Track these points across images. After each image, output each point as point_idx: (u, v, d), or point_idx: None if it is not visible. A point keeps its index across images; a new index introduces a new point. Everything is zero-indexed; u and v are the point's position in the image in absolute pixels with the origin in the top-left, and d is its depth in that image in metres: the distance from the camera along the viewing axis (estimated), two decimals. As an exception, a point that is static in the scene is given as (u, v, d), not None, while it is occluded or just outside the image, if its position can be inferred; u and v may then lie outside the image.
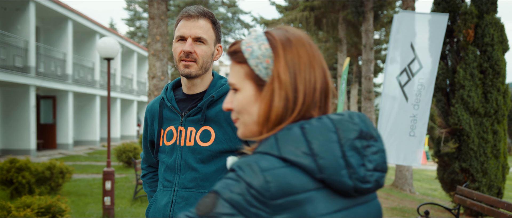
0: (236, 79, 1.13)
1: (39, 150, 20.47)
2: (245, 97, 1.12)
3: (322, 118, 1.04)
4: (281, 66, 1.07)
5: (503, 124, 8.69)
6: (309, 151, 0.99)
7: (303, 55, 1.09)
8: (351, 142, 1.01)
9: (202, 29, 2.01)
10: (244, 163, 0.99)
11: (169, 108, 2.13)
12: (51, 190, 9.54)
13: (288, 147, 1.00)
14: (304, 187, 0.97)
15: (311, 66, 1.09)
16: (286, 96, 1.06)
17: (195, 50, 2.00)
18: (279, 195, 0.95)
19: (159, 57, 12.10)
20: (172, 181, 2.06)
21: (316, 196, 0.98)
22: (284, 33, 1.12)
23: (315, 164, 0.98)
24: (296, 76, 1.06)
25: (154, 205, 2.13)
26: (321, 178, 0.98)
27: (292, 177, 0.97)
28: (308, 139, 1.00)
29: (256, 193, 0.94)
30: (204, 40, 2.01)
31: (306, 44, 1.11)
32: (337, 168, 0.98)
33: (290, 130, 1.02)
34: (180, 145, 2.06)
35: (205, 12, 2.04)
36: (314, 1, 20.80)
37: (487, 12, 8.68)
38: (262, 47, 1.10)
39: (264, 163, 0.98)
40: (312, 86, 1.07)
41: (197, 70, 2.02)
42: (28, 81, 17.56)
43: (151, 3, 12.17)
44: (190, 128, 2.05)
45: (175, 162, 2.06)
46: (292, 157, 0.99)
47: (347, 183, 0.99)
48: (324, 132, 1.01)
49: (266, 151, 1.02)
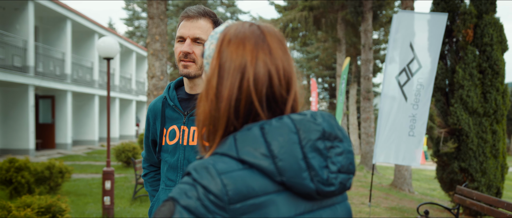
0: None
1: (37, 150, 20.46)
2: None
3: (282, 118, 0.99)
4: (212, 67, 1.03)
5: (502, 124, 8.71)
6: (268, 153, 0.94)
7: (237, 57, 1.01)
8: (312, 143, 0.96)
9: (201, 29, 2.01)
10: (200, 166, 0.94)
11: (172, 108, 2.13)
12: (50, 190, 9.53)
13: (246, 148, 0.95)
14: (263, 190, 0.93)
15: (243, 71, 1.00)
16: (211, 100, 1.01)
17: (193, 51, 2.00)
18: (237, 199, 0.90)
19: (159, 57, 12.10)
20: (175, 180, 2.06)
21: (277, 199, 0.94)
22: (233, 29, 1.05)
23: (274, 167, 0.93)
24: (223, 81, 1.00)
25: (156, 205, 2.14)
26: (281, 181, 0.94)
27: (251, 180, 0.92)
28: (267, 140, 0.95)
29: (213, 197, 0.90)
30: (203, 40, 2.01)
31: (248, 43, 1.02)
32: (298, 171, 0.94)
33: (250, 130, 0.97)
34: (183, 145, 2.06)
35: (205, 12, 2.04)
36: (313, 1, 20.81)
37: (486, 12, 8.70)
38: (211, 47, 1.08)
39: (221, 166, 0.93)
40: (238, 93, 1.00)
41: (196, 70, 2.02)
42: (27, 81, 17.55)
43: (150, 3, 12.17)
44: (193, 128, 2.05)
45: (178, 161, 2.06)
46: (251, 159, 0.94)
47: (309, 186, 0.95)
48: (284, 133, 0.96)
49: (224, 152, 0.97)
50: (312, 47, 35.93)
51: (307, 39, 26.03)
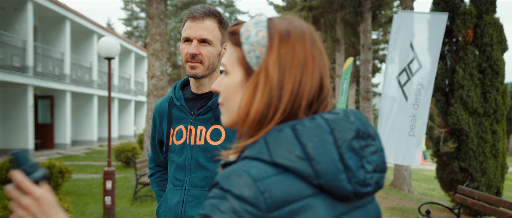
0: (228, 61, 1.05)
1: (37, 150, 20.44)
2: (232, 83, 1.03)
3: (315, 118, 0.95)
4: (272, 59, 0.98)
5: (502, 124, 8.72)
6: (304, 155, 0.90)
7: (299, 52, 0.99)
8: (348, 143, 0.93)
9: (208, 30, 2.00)
10: (232, 174, 0.89)
11: (178, 108, 2.13)
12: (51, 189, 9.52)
13: (280, 151, 0.90)
14: (301, 194, 0.89)
15: (306, 66, 0.99)
16: (270, 92, 0.96)
17: (200, 52, 2.00)
18: (276, 206, 0.86)
19: (158, 57, 12.10)
20: (183, 180, 2.06)
21: (314, 202, 0.90)
22: (287, 24, 1.02)
23: (311, 169, 0.89)
24: (285, 74, 0.97)
25: (164, 205, 2.14)
26: (318, 184, 0.89)
27: (288, 185, 0.88)
28: (301, 141, 0.91)
29: (251, 208, 0.85)
30: (210, 41, 2.00)
31: (307, 41, 1.00)
32: (335, 173, 0.90)
33: (281, 132, 0.93)
34: (190, 144, 2.06)
35: (211, 11, 2.04)
36: (312, 1, 20.82)
37: (486, 12, 8.71)
38: (259, 34, 1.01)
39: (255, 171, 0.88)
40: (301, 88, 0.97)
41: (203, 71, 2.02)
42: (26, 81, 17.53)
43: (150, 3, 12.17)
44: (200, 127, 2.05)
45: (186, 161, 2.06)
46: (286, 162, 0.89)
47: (347, 188, 0.91)
48: (319, 133, 0.92)
49: (255, 156, 0.92)
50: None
51: (306, 39, 26.02)
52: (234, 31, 1.06)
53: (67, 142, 21.55)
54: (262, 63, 0.99)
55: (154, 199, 9.66)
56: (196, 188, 2.04)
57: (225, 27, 2.09)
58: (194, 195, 2.03)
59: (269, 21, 1.03)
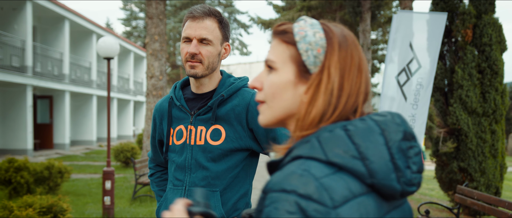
0: (277, 58, 1.06)
1: (35, 150, 20.43)
2: (282, 80, 1.05)
3: (365, 119, 0.99)
4: (334, 60, 1.02)
5: (501, 123, 8.73)
6: (358, 154, 0.93)
7: (355, 57, 1.04)
8: (398, 144, 0.96)
9: (207, 29, 2.01)
10: (293, 175, 0.90)
11: (178, 107, 2.13)
12: (50, 190, 9.52)
13: (335, 151, 0.93)
14: (358, 191, 0.92)
15: (359, 70, 1.04)
16: (332, 92, 1.00)
17: (200, 51, 2.00)
18: (340, 202, 0.88)
19: (158, 57, 12.10)
20: (183, 180, 2.07)
21: (367, 200, 0.93)
22: (340, 30, 1.07)
23: (365, 169, 0.92)
24: (344, 76, 1.02)
25: (164, 204, 2.14)
26: (371, 183, 0.92)
27: (346, 183, 0.91)
28: (355, 142, 0.94)
29: (317, 205, 0.86)
30: (209, 40, 2.01)
31: (358, 47, 1.07)
32: (387, 172, 0.93)
33: (333, 132, 0.96)
34: (190, 144, 2.07)
35: (211, 11, 2.04)
36: (311, 1, 20.83)
37: (485, 12, 8.72)
38: (316, 35, 1.04)
39: (315, 170, 0.90)
40: (356, 89, 1.02)
41: (203, 71, 2.02)
42: (25, 81, 17.52)
43: (149, 3, 12.17)
44: (200, 127, 2.06)
45: (186, 161, 2.07)
46: (342, 161, 0.92)
47: (396, 187, 0.94)
48: (371, 134, 0.95)
49: (310, 155, 0.94)
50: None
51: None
52: (285, 30, 1.07)
53: (66, 142, 21.54)
54: (322, 63, 1.02)
55: (154, 199, 9.66)
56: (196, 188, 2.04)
57: (225, 27, 2.09)
58: None
59: (323, 25, 1.07)
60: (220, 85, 2.11)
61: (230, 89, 2.07)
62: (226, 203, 2.05)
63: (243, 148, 2.06)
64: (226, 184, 2.05)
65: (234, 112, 2.04)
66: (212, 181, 2.03)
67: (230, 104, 2.05)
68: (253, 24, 42.16)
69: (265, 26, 23.06)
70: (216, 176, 2.03)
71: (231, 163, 2.05)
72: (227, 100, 2.06)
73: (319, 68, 1.02)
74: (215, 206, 2.02)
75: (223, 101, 2.06)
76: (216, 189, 2.03)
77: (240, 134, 2.04)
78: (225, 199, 2.05)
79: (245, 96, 2.07)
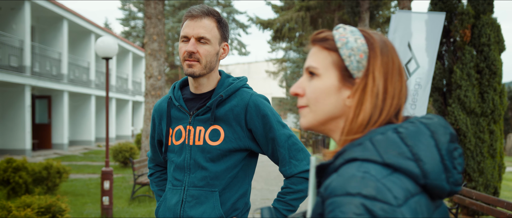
0: (320, 64, 1.10)
1: (34, 150, 20.40)
2: (325, 85, 1.09)
3: (414, 122, 1.02)
4: (377, 65, 1.06)
5: (499, 124, 8.74)
6: (412, 156, 0.96)
7: (396, 62, 1.09)
8: (446, 146, 1.00)
9: (206, 28, 2.01)
10: (354, 178, 0.93)
11: (177, 108, 2.13)
12: (48, 190, 9.51)
13: (390, 153, 0.96)
14: (414, 191, 0.95)
15: (400, 75, 1.09)
16: (377, 95, 1.05)
17: (198, 50, 2.00)
18: (402, 201, 0.91)
19: (156, 57, 12.09)
20: (182, 180, 2.08)
21: (421, 200, 0.96)
22: (379, 36, 1.12)
23: (419, 170, 0.95)
24: (387, 79, 1.06)
25: (163, 204, 2.14)
26: (424, 183, 0.96)
27: (403, 183, 0.94)
28: (408, 144, 0.97)
29: (382, 204, 0.89)
30: (207, 39, 2.01)
31: (396, 52, 1.11)
32: (439, 173, 0.97)
33: (385, 134, 0.99)
34: (189, 144, 2.07)
35: (209, 11, 2.05)
36: (310, 1, 20.84)
37: (483, 13, 8.73)
38: (358, 41, 1.09)
39: (375, 172, 0.93)
40: (398, 92, 1.07)
41: (200, 70, 2.02)
42: (23, 81, 17.50)
43: (148, 2, 12.16)
44: (199, 127, 2.06)
45: (185, 161, 2.07)
46: (397, 163, 0.95)
47: (446, 187, 0.98)
48: (422, 136, 0.99)
49: (365, 157, 0.97)
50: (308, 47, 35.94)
51: (304, 39, 26.05)
52: (326, 37, 1.12)
53: (65, 142, 21.52)
54: (366, 68, 1.07)
55: (152, 199, 9.66)
56: (195, 188, 2.05)
57: (224, 27, 2.10)
58: (193, 195, 2.04)
59: (363, 31, 1.11)
60: (218, 85, 2.11)
61: (229, 89, 2.07)
62: (225, 203, 2.05)
63: (241, 149, 2.06)
64: (225, 184, 2.05)
65: (232, 113, 2.04)
66: (211, 181, 2.04)
67: (228, 104, 2.05)
68: (252, 24, 42.19)
69: (264, 26, 23.05)
70: (215, 176, 2.04)
71: (230, 163, 2.05)
72: (226, 101, 2.07)
73: (363, 73, 1.07)
74: (214, 206, 2.02)
75: (222, 102, 2.06)
76: (215, 189, 2.04)
77: (239, 135, 2.04)
78: (224, 199, 2.05)
79: (244, 97, 2.07)
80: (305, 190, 2.06)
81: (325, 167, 1.06)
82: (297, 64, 39.70)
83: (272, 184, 12.77)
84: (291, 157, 2.06)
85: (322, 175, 1.07)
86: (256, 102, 2.05)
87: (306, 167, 2.06)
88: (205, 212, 2.02)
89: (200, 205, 2.03)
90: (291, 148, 2.06)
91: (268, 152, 2.10)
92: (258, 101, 2.06)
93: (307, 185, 2.06)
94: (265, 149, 2.09)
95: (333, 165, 1.03)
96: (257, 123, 2.04)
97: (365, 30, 1.12)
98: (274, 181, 13.40)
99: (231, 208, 2.06)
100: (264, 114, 2.04)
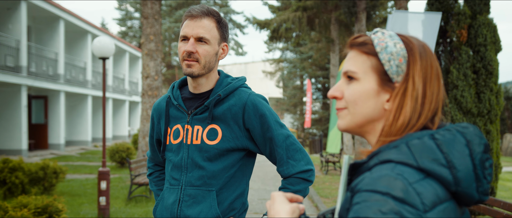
0: (359, 68, 1.13)
1: (30, 150, 20.35)
2: (365, 89, 1.11)
3: (451, 130, 1.04)
4: (417, 69, 1.08)
5: (495, 124, 8.76)
6: (446, 163, 0.98)
7: (434, 66, 1.11)
8: (480, 156, 1.02)
9: (205, 28, 2.01)
10: (386, 178, 0.95)
11: (176, 107, 2.14)
12: (45, 190, 9.49)
13: (425, 158, 0.99)
14: (444, 197, 0.98)
15: (438, 79, 1.11)
16: (417, 99, 1.07)
17: (197, 50, 2.00)
18: (430, 206, 0.94)
19: (153, 57, 12.08)
20: (179, 179, 2.08)
21: (450, 206, 0.99)
22: (417, 40, 1.13)
23: (452, 177, 0.98)
24: (426, 84, 1.08)
25: (161, 204, 2.15)
26: (455, 190, 0.99)
27: (434, 189, 0.96)
28: (443, 151, 0.99)
29: (410, 208, 0.92)
30: (207, 40, 2.01)
31: (434, 56, 1.12)
32: (470, 181, 0.99)
33: (422, 140, 1.02)
34: (187, 144, 2.07)
35: (209, 11, 2.05)
36: (306, 1, 20.84)
37: (480, 13, 8.75)
38: (397, 46, 1.10)
39: (408, 175, 0.96)
40: (436, 96, 1.09)
41: (199, 70, 2.02)
42: (20, 81, 17.45)
43: (144, 3, 12.15)
44: (197, 127, 2.07)
45: (182, 160, 2.07)
46: (431, 169, 0.98)
47: (475, 196, 1.01)
48: (457, 144, 1.01)
49: (401, 160, 1.00)
50: (305, 48, 35.99)
51: (301, 39, 26.06)
52: (365, 41, 1.14)
53: (61, 143, 21.47)
54: (406, 72, 1.09)
55: (149, 199, 9.64)
56: (192, 188, 2.05)
57: (224, 27, 2.10)
58: (190, 195, 2.05)
59: (401, 36, 1.13)
60: (217, 84, 2.11)
61: (227, 89, 2.07)
62: (222, 202, 2.05)
63: (239, 148, 2.06)
64: (222, 183, 2.05)
65: (230, 112, 2.04)
66: (208, 181, 2.04)
67: (227, 103, 2.06)
68: (249, 24, 42.22)
69: (261, 26, 23.04)
70: (212, 175, 2.04)
71: (228, 163, 2.05)
72: (224, 100, 2.07)
73: (402, 77, 1.09)
74: (211, 206, 2.02)
75: (220, 101, 2.06)
76: (212, 189, 2.04)
77: (236, 134, 2.04)
78: (222, 199, 2.05)
79: (242, 96, 2.07)
80: (303, 190, 2.06)
81: (358, 166, 1.08)
82: (294, 64, 39.70)
83: (269, 184, 12.78)
84: (289, 157, 2.06)
85: (354, 173, 1.10)
86: (254, 102, 2.05)
87: (303, 168, 2.06)
88: (202, 212, 2.01)
89: (197, 205, 2.03)
90: (289, 148, 2.06)
91: (266, 152, 2.10)
92: (256, 101, 2.06)
93: (305, 185, 2.07)
94: (263, 149, 2.09)
95: (366, 165, 1.06)
96: (255, 122, 2.04)
97: (404, 35, 1.14)
98: (271, 181, 13.40)
99: (229, 208, 2.06)
100: (262, 114, 2.04)
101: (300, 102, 39.95)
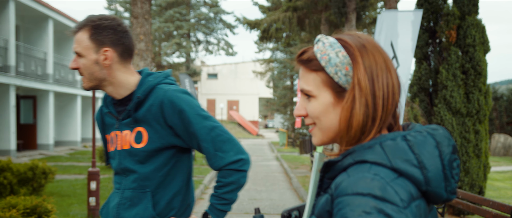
0: (312, 86, 1.13)
1: (19, 151, 20.17)
2: (323, 105, 1.12)
3: (422, 131, 1.07)
4: (361, 72, 1.08)
5: (484, 124, 8.83)
6: (418, 164, 1.02)
7: (379, 59, 1.10)
8: (449, 157, 1.05)
9: (78, 42, 2.02)
10: (365, 179, 0.99)
11: (108, 114, 2.16)
12: (33, 191, 9.41)
13: (398, 159, 1.02)
14: (416, 195, 1.02)
15: (388, 70, 1.11)
16: (366, 102, 1.07)
17: (78, 66, 2.03)
18: (408, 203, 0.98)
19: (143, 57, 12.03)
20: (120, 183, 2.11)
21: (421, 204, 1.03)
22: (357, 38, 1.13)
23: (423, 177, 1.01)
24: (374, 82, 1.08)
25: (107, 206, 2.18)
26: (425, 190, 1.03)
27: (408, 187, 1.00)
28: (415, 152, 1.03)
29: (391, 205, 0.96)
30: (80, 53, 2.01)
31: (379, 48, 1.12)
32: (440, 181, 1.03)
33: (395, 141, 1.04)
34: (118, 150, 2.11)
35: (82, 23, 2.02)
36: (297, 1, 20.87)
37: (469, 14, 8.82)
38: (339, 55, 1.10)
39: (384, 175, 1.00)
40: (390, 90, 1.09)
41: (87, 83, 2.06)
42: (8, 81, 17.30)
43: (134, 2, 12.09)
44: (125, 132, 2.08)
45: (119, 165, 2.10)
46: (404, 169, 1.01)
47: (443, 195, 1.05)
48: (428, 146, 1.04)
49: (375, 161, 1.03)
50: (295, 48, 36.02)
51: (291, 39, 26.10)
52: (309, 58, 1.14)
53: (50, 143, 21.31)
54: (352, 79, 1.09)
55: (139, 199, 9.60)
56: (129, 190, 2.07)
57: (100, 32, 2.01)
58: (127, 197, 2.07)
59: (341, 41, 1.12)
60: (138, 86, 2.08)
61: (144, 90, 2.05)
62: (159, 202, 2.05)
63: (166, 147, 2.05)
64: (156, 183, 2.05)
65: (150, 113, 2.03)
66: (142, 183, 2.05)
67: (146, 104, 2.04)
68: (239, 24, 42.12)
69: (251, 27, 23.03)
70: (145, 177, 2.05)
71: (159, 163, 2.05)
72: (144, 101, 2.05)
73: (351, 84, 1.09)
74: (146, 208, 2.03)
75: (141, 103, 2.05)
76: (146, 190, 2.05)
77: (160, 134, 2.03)
78: (158, 199, 2.05)
79: (158, 94, 2.04)
80: (236, 182, 2.03)
81: (332, 164, 1.10)
82: (284, 65, 39.75)
83: (259, 184, 12.78)
84: (216, 150, 2.02)
85: (327, 170, 1.11)
86: (171, 98, 2.01)
87: (233, 158, 2.02)
88: (137, 214, 2.03)
89: (134, 207, 2.05)
90: (215, 140, 2.01)
91: (194, 147, 2.07)
92: (173, 97, 2.01)
93: (238, 176, 2.04)
94: (191, 144, 2.06)
95: (340, 163, 1.07)
96: (175, 119, 2.00)
97: (342, 37, 1.13)
98: (261, 181, 13.41)
99: (167, 207, 2.06)
100: (181, 109, 2.00)
101: (290, 102, 39.97)
